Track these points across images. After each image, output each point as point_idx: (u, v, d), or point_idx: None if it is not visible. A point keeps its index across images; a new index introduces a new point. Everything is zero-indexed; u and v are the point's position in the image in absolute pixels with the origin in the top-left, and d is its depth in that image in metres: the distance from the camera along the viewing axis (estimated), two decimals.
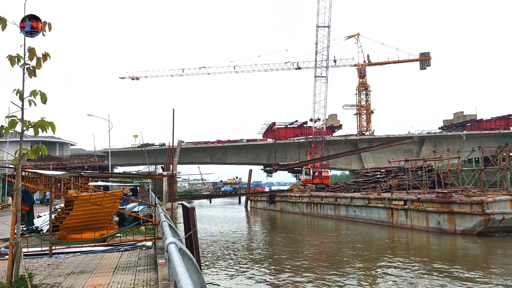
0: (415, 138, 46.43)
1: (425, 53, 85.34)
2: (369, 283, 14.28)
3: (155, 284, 7.70)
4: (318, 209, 41.12)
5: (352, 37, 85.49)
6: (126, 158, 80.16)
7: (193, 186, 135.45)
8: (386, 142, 58.49)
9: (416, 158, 53.41)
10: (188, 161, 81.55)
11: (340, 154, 61.65)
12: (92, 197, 13.81)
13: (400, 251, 20.48)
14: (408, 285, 13.38)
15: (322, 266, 16.83)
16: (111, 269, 9.41)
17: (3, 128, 7.40)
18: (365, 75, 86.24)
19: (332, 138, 79.14)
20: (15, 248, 7.40)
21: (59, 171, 19.64)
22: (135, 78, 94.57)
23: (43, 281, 8.29)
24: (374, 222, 31.52)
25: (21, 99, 7.50)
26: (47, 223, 14.59)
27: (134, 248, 12.66)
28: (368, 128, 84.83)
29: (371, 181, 43.67)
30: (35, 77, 7.71)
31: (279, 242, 25.32)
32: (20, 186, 7.72)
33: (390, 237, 26.08)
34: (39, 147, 7.41)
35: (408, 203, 28.31)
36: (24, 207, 12.12)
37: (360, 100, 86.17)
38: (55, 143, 75.45)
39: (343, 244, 23.86)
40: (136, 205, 22.49)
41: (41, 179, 13.89)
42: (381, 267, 16.58)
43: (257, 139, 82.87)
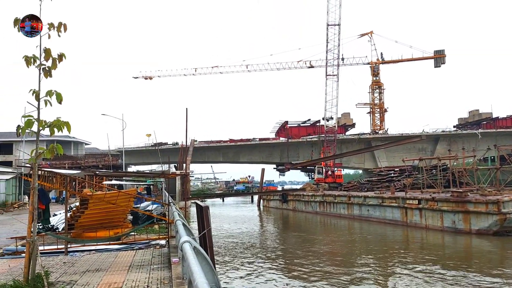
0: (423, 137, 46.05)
1: (440, 50, 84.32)
2: (383, 283, 14.19)
3: (169, 283, 7.75)
4: (331, 208, 40.96)
5: (365, 35, 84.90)
6: (139, 157, 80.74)
7: (206, 185, 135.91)
8: (394, 141, 58.05)
9: (430, 157, 52.85)
10: (201, 160, 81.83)
11: (347, 153, 61.23)
12: (106, 196, 13.94)
13: (414, 251, 20.30)
14: (423, 285, 13.26)
15: (335, 265, 16.76)
16: (126, 267, 9.49)
17: (19, 127, 7.51)
18: (379, 73, 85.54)
19: (345, 137, 78.69)
20: (31, 246, 7.51)
21: (74, 170, 19.86)
22: (148, 77, 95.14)
23: (59, 279, 8.40)
24: (388, 221, 31.29)
25: (37, 99, 7.60)
26: (63, 222, 14.78)
27: (148, 247, 12.76)
28: (381, 127, 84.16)
29: (384, 180, 43.35)
30: (51, 78, 7.80)
31: (292, 241, 25.29)
32: (36, 185, 7.83)
33: (404, 237, 25.87)
34: (54, 146, 7.50)
35: (422, 202, 28.04)
36: (40, 205, 12.29)
37: (374, 98, 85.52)
38: (70, 142, 76.26)
39: (356, 243, 23.74)
40: (149, 204, 22.69)
41: (57, 178, 14.06)
42: (395, 267, 16.46)
43: (270, 138, 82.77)
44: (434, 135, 77.01)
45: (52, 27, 7.61)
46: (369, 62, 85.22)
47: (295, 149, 77.55)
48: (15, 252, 11.99)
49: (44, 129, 7.63)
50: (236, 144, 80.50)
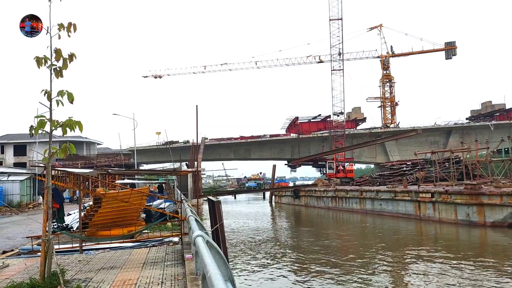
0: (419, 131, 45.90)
1: (451, 42, 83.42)
2: (397, 277, 14.12)
3: (183, 278, 7.80)
4: (343, 203, 40.84)
5: (374, 28, 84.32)
6: (151, 156, 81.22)
7: (217, 183, 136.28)
8: (391, 135, 57.90)
9: (443, 149, 52.42)
10: (212, 157, 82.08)
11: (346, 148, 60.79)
12: (119, 195, 14.07)
13: (428, 244, 20.16)
14: (438, 278, 13.17)
15: (349, 260, 16.72)
16: (140, 264, 9.58)
17: (32, 128, 7.60)
18: (389, 66, 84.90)
19: (356, 132, 78.34)
20: (47, 245, 7.60)
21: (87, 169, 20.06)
22: (158, 76, 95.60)
23: (75, 277, 8.50)
24: (400, 215, 31.12)
25: (49, 99, 7.68)
26: (77, 221, 14.95)
27: (161, 244, 12.86)
28: (393, 121, 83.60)
29: (397, 174, 43.10)
30: (62, 78, 7.87)
31: (305, 236, 25.27)
32: (50, 184, 7.92)
33: (418, 230, 25.71)
34: (67, 146, 7.58)
35: (435, 195, 27.82)
36: (54, 205, 12.43)
37: (384, 92, 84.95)
38: (82, 142, 76.95)
39: (369, 237, 23.65)
40: (162, 202, 22.83)
41: (70, 178, 14.22)
42: (409, 261, 16.37)
43: (280, 134, 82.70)
44: (446, 127, 76.32)
45: (62, 28, 7.66)
46: (379, 55, 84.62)
47: (306, 145, 77.40)
48: (31, 251, 12.17)
49: (56, 129, 7.70)
50: (247, 141, 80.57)
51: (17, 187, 38.35)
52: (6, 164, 65.83)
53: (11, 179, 38.52)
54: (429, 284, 12.54)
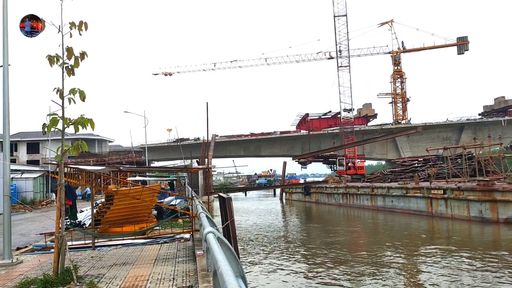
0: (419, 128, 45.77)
1: (463, 37, 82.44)
2: (409, 274, 14.05)
3: (194, 275, 7.85)
4: (354, 200, 40.69)
5: (385, 24, 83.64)
6: (162, 153, 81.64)
7: (228, 180, 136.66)
8: (390, 133, 57.80)
9: (455, 145, 51.91)
10: (222, 154, 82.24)
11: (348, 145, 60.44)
12: (131, 192, 14.17)
13: (441, 241, 20.01)
14: (450, 275, 13.08)
15: (360, 256, 16.67)
16: (152, 261, 9.65)
17: (45, 126, 7.69)
18: (400, 62, 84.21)
19: (367, 128, 77.88)
20: (60, 241, 7.70)
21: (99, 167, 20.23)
22: (168, 74, 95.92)
23: (88, 273, 8.60)
24: (412, 212, 30.92)
25: (61, 97, 7.76)
26: (89, 218, 15.09)
27: (172, 240, 12.94)
28: (404, 117, 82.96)
29: (408, 171, 42.78)
30: (74, 76, 7.95)
31: (315, 232, 25.24)
32: (63, 181, 8.01)
33: (430, 227, 25.54)
34: (79, 143, 7.66)
35: (447, 192, 27.59)
36: (67, 201, 12.58)
37: (395, 88, 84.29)
38: (94, 140, 77.57)
39: (381, 234, 23.56)
40: (173, 199, 22.96)
41: (83, 175, 14.35)
42: (421, 257, 16.26)
43: (291, 131, 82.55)
44: (458, 123, 75.55)
45: (74, 26, 7.73)
46: (390, 51, 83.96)
47: (316, 142, 77.14)
48: (44, 248, 12.32)
49: (68, 127, 7.78)
50: (257, 138, 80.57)
51: (30, 185, 38.82)
52: (20, 162, 66.66)
53: (24, 177, 38.99)
54: (441, 281, 12.46)
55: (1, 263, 10.02)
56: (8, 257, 10.21)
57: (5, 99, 10.66)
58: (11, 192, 10.89)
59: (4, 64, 10.69)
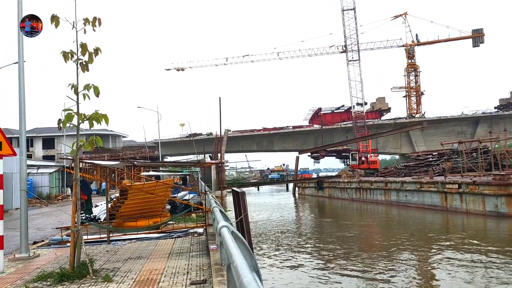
0: (424, 124, 45.19)
1: (478, 29, 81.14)
2: (423, 269, 13.95)
3: (208, 269, 7.90)
4: (368, 195, 40.48)
5: (399, 16, 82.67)
6: (175, 148, 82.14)
7: (240, 174, 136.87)
8: (394, 129, 57.48)
9: (470, 139, 51.27)
10: (235, 149, 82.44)
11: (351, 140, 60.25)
12: (145, 186, 14.29)
13: (456, 236, 19.81)
14: (465, 270, 12.95)
15: (373, 251, 16.59)
16: (166, 255, 9.73)
17: (60, 121, 7.78)
18: (414, 55, 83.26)
19: (380, 122, 77.33)
20: (76, 236, 7.80)
21: (114, 162, 20.43)
22: (180, 69, 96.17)
23: (103, 266, 8.70)
24: (426, 206, 30.66)
25: (76, 93, 7.83)
26: (104, 212, 15.27)
27: (186, 235, 13.02)
28: (418, 111, 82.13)
29: (422, 165, 42.39)
30: (88, 72, 8.01)
31: (329, 227, 25.19)
32: (78, 176, 8.11)
33: (444, 222, 25.31)
34: (94, 139, 7.73)
35: (463, 186, 27.28)
36: (82, 196, 12.72)
37: (409, 81, 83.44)
38: (108, 135, 78.26)
39: (394, 229, 23.41)
40: (186, 193, 23.10)
41: (97, 170, 14.50)
42: (436, 252, 16.12)
43: (303, 125, 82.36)
44: (474, 117, 74.61)
45: (87, 22, 7.78)
46: (404, 44, 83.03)
47: (329, 136, 76.85)
48: (60, 242, 12.50)
49: (83, 122, 7.86)
50: (270, 133, 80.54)
51: (46, 180, 39.38)
52: (35, 157, 67.60)
53: (40, 172, 39.56)
54: (456, 277, 12.35)
55: (19, 256, 10.19)
56: (25, 251, 10.39)
57: (20, 96, 10.81)
58: (27, 187, 11.05)
59: (19, 60, 10.83)
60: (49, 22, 7.67)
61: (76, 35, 7.82)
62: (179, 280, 7.25)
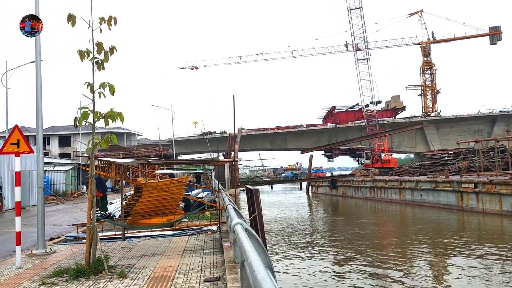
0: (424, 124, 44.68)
1: (495, 27, 79.77)
2: (437, 269, 13.81)
3: (221, 266, 7.92)
4: (382, 194, 40.19)
5: (414, 14, 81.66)
6: (189, 147, 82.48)
7: (254, 173, 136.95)
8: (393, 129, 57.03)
9: (487, 138, 50.54)
10: (248, 148, 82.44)
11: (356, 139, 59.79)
12: (159, 184, 14.38)
13: (471, 235, 19.57)
14: (481, 272, 12.78)
15: (387, 250, 16.48)
16: (180, 252, 9.79)
17: (76, 119, 7.88)
18: (430, 53, 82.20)
19: (395, 121, 76.59)
20: (92, 232, 7.89)
21: (129, 160, 20.62)
22: (194, 67, 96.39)
23: (118, 263, 8.79)
24: (442, 206, 30.33)
25: (92, 92, 7.92)
26: (119, 209, 15.42)
27: (200, 232, 13.08)
28: (434, 109, 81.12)
29: (438, 164, 41.94)
30: (104, 70, 8.10)
31: (342, 226, 25.07)
32: (94, 173, 8.20)
33: (460, 221, 25.01)
34: (109, 137, 7.82)
35: (479, 186, 26.91)
36: (98, 193, 12.87)
37: (425, 79, 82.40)
38: (122, 133, 78.98)
39: (409, 229, 23.21)
40: (200, 191, 23.20)
41: (112, 168, 14.65)
42: (451, 253, 15.95)
43: (317, 124, 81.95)
44: (491, 115, 73.47)
45: (103, 21, 7.86)
46: (419, 42, 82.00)
47: (343, 135, 76.38)
48: (76, 238, 12.66)
49: (99, 120, 7.95)
50: (283, 131, 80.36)
51: (63, 177, 39.95)
52: (52, 155, 68.59)
53: (56, 169, 40.13)
54: (472, 278, 12.19)
55: (36, 252, 10.36)
56: (42, 247, 10.55)
57: (38, 94, 10.96)
58: (44, 184, 11.22)
59: (36, 59, 10.98)
60: (66, 21, 7.76)
61: (92, 34, 7.91)
62: (193, 277, 7.29)
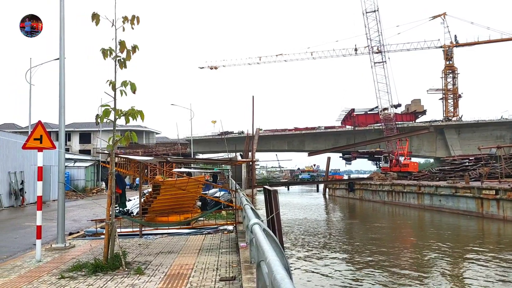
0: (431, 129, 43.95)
1: None
2: (455, 279, 13.59)
3: (237, 266, 7.94)
4: (400, 198, 39.72)
5: (437, 17, 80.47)
6: (207, 146, 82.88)
7: (271, 174, 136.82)
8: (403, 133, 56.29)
9: (510, 144, 49.51)
10: (266, 148, 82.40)
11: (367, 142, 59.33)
12: (177, 182, 14.49)
13: (491, 243, 19.20)
14: (501, 283, 12.54)
15: (403, 255, 16.30)
16: (196, 251, 9.85)
17: (98, 116, 8.00)
18: (452, 57, 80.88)
19: (415, 124, 75.62)
20: (110, 228, 8.00)
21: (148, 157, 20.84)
22: (214, 67, 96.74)
23: (135, 259, 8.89)
24: (461, 212, 29.82)
25: (113, 89, 8.03)
26: (137, 206, 15.60)
27: (216, 232, 13.13)
28: (455, 113, 79.79)
29: (458, 169, 41.24)
30: (125, 69, 8.21)
31: (359, 230, 24.89)
32: (114, 170, 8.31)
33: (479, 228, 24.57)
34: (130, 134, 7.91)
35: (500, 192, 26.38)
36: (117, 190, 13.04)
37: (447, 83, 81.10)
38: (142, 131, 79.84)
39: (427, 234, 22.89)
40: (217, 191, 23.28)
41: (131, 165, 14.81)
42: (469, 260, 15.68)
43: (336, 126, 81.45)
44: None
45: (126, 20, 7.97)
46: (442, 45, 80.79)
47: (362, 137, 75.68)
48: (95, 234, 12.85)
49: (120, 118, 8.05)
50: (301, 133, 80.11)
51: (82, 173, 40.55)
52: (72, 151, 69.74)
53: (76, 165, 40.77)
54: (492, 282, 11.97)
55: (55, 246, 10.55)
56: (62, 241, 10.74)
57: (61, 91, 11.16)
58: (65, 180, 11.41)
59: (60, 57, 11.19)
60: (90, 20, 7.89)
61: (115, 32, 8.02)
62: (208, 276, 7.33)
